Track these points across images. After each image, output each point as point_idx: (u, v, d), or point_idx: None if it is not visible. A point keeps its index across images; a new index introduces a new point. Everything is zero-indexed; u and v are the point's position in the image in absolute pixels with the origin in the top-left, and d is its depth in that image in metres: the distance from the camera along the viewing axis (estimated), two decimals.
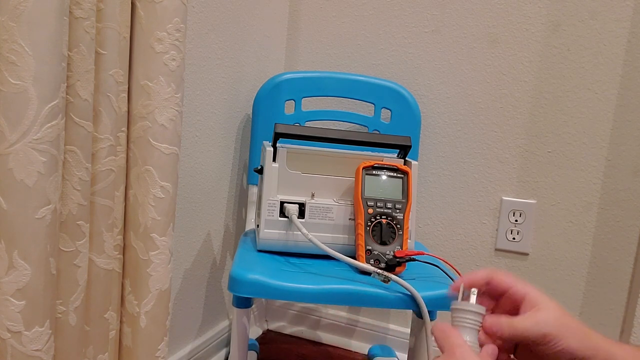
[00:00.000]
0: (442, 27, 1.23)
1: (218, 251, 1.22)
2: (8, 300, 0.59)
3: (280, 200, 0.85)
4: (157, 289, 0.79)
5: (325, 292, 0.74)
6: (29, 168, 0.57)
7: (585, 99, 1.14)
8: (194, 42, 1.00)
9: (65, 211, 0.66)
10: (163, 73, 0.74)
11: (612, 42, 1.10)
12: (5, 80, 0.55)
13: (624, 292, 1.16)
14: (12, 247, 0.58)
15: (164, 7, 0.73)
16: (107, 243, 0.74)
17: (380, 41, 1.29)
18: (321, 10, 1.33)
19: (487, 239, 1.25)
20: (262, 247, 0.86)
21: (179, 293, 1.09)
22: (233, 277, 0.75)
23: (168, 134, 0.76)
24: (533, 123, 1.18)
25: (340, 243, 0.85)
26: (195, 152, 1.06)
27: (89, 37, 0.64)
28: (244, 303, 0.88)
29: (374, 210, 0.80)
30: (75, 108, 0.64)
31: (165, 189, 0.77)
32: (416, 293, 0.72)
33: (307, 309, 1.44)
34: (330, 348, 1.39)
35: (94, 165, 0.70)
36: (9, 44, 0.55)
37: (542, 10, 1.14)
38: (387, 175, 0.84)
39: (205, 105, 1.07)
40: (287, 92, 1.15)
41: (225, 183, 1.19)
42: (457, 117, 1.24)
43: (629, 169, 1.12)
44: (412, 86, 1.25)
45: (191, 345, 1.16)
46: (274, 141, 0.85)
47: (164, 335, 0.82)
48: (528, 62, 1.17)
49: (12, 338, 0.59)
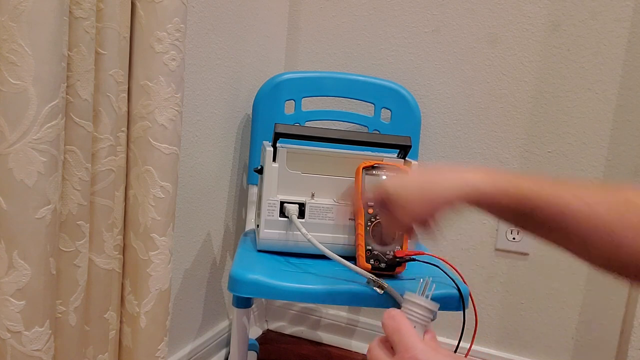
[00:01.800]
0: (442, 27, 1.23)
1: (218, 251, 1.22)
2: (8, 300, 0.59)
3: (280, 200, 0.85)
4: (157, 289, 0.79)
5: (325, 292, 0.74)
6: (29, 168, 0.57)
7: (585, 99, 1.14)
8: (194, 42, 1.00)
9: (65, 211, 0.66)
10: (163, 73, 0.74)
11: (612, 42, 1.10)
12: (5, 80, 0.55)
13: (624, 292, 1.16)
14: (12, 247, 0.58)
15: (164, 7, 0.73)
16: (107, 243, 0.73)
17: (380, 41, 1.29)
18: (321, 10, 1.33)
19: (487, 239, 1.24)
20: (262, 247, 0.86)
21: (179, 293, 1.09)
22: (233, 277, 0.75)
23: (168, 134, 0.76)
24: (533, 123, 1.18)
25: (340, 243, 0.85)
26: (195, 152, 1.06)
27: (89, 37, 0.64)
28: (244, 303, 0.88)
29: (374, 210, 0.80)
30: (75, 108, 0.64)
31: (165, 189, 0.77)
32: None
33: (307, 309, 1.44)
34: (330, 348, 1.39)
35: (94, 165, 0.70)
36: (9, 44, 0.55)
37: (542, 10, 1.14)
38: (387, 175, 0.83)
39: (205, 105, 1.07)
40: (287, 92, 1.15)
41: (225, 183, 1.19)
42: (457, 117, 1.24)
43: (629, 169, 1.12)
44: (412, 86, 1.25)
45: (191, 345, 1.16)
46: (274, 141, 0.85)
47: (164, 335, 0.82)
48: (528, 62, 1.17)
49: (12, 338, 0.59)
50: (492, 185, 0.53)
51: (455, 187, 0.55)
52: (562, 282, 1.20)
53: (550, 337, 1.23)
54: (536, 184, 0.51)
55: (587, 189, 0.49)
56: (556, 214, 0.49)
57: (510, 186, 0.52)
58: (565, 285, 1.20)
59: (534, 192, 0.51)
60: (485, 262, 1.25)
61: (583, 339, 1.20)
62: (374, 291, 0.72)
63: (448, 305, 0.76)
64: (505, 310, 1.25)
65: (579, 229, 0.48)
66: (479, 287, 1.26)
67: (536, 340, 1.24)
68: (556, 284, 1.21)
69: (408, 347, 0.42)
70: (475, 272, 1.26)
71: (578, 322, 1.20)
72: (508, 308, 1.25)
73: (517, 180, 0.52)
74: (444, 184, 0.56)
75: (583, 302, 1.19)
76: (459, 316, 0.76)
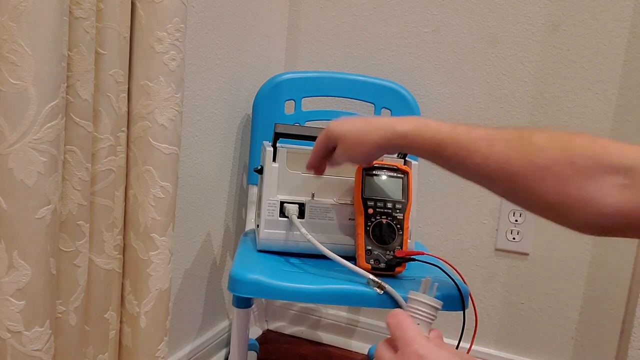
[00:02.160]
0: (442, 27, 1.23)
1: (218, 251, 1.22)
2: (8, 300, 0.59)
3: (280, 200, 0.85)
4: (157, 289, 0.79)
5: (325, 292, 0.74)
6: (29, 168, 0.57)
7: (585, 99, 1.14)
8: (194, 42, 1.00)
9: (65, 211, 0.66)
10: (163, 73, 0.74)
11: (612, 42, 1.10)
12: (5, 80, 0.55)
13: (624, 292, 1.16)
14: (12, 247, 0.58)
15: (164, 7, 0.73)
16: (107, 243, 0.74)
17: (380, 41, 1.29)
18: (321, 10, 1.33)
19: (487, 239, 1.25)
20: (262, 247, 0.86)
21: (179, 293, 1.09)
22: (233, 277, 0.75)
23: (168, 134, 0.76)
24: (533, 123, 1.18)
25: (340, 243, 0.85)
26: (195, 152, 1.06)
27: (89, 37, 0.64)
28: (244, 303, 0.88)
29: (374, 210, 0.80)
30: (75, 108, 0.64)
31: (165, 189, 0.77)
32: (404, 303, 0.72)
33: (307, 309, 1.44)
34: (330, 348, 1.39)
35: (94, 165, 0.70)
36: (9, 44, 0.55)
37: (542, 10, 1.14)
38: (387, 175, 0.83)
39: (205, 105, 1.07)
40: (287, 92, 1.15)
41: (225, 183, 1.19)
42: (457, 117, 1.24)
43: None
44: (412, 86, 1.25)
45: (191, 345, 1.16)
46: (274, 141, 0.85)
47: (164, 335, 0.82)
48: (528, 62, 1.17)
49: (12, 338, 0.59)
50: (411, 129, 0.62)
51: (382, 131, 0.65)
52: (562, 282, 1.20)
53: (550, 337, 1.23)
54: (452, 127, 0.59)
55: (494, 131, 0.56)
56: (461, 150, 0.57)
57: (426, 129, 0.61)
58: (565, 285, 1.20)
59: (444, 134, 0.59)
60: (485, 262, 1.25)
61: (583, 339, 1.20)
62: (374, 291, 0.72)
63: (448, 305, 0.75)
64: (505, 310, 1.25)
65: (481, 165, 0.56)
66: (479, 287, 1.26)
67: (536, 340, 1.24)
68: (556, 284, 1.21)
69: (409, 342, 0.43)
70: (475, 272, 1.26)
71: (578, 322, 1.20)
72: (508, 308, 1.25)
73: (437, 125, 0.61)
74: (375, 130, 0.66)
75: (583, 302, 1.19)
76: (459, 316, 0.76)
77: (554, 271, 1.20)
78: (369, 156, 0.69)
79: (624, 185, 0.47)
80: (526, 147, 0.53)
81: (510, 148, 0.54)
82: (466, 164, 0.58)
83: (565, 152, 0.50)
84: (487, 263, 1.25)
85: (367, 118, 0.69)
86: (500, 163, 0.54)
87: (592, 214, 0.49)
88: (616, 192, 0.48)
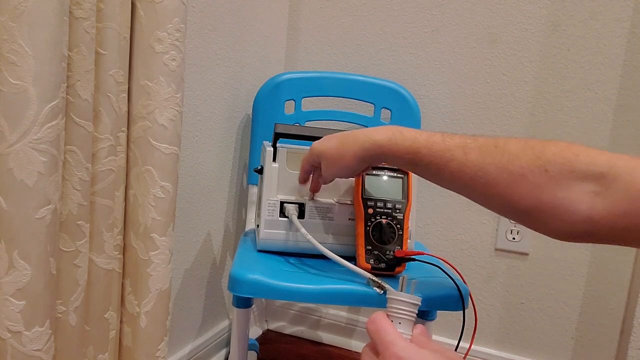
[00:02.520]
0: (442, 27, 1.23)
1: (218, 251, 1.22)
2: (8, 300, 0.59)
3: (280, 200, 0.85)
4: (157, 289, 0.79)
5: (325, 292, 0.74)
6: (29, 168, 0.57)
7: (585, 99, 1.14)
8: (194, 42, 1.00)
9: (65, 211, 0.66)
10: (163, 73, 0.74)
11: (612, 42, 1.10)
12: (5, 80, 0.55)
13: (624, 292, 1.16)
14: (12, 247, 0.58)
15: (164, 7, 0.73)
16: (107, 243, 0.74)
17: (380, 41, 1.29)
18: (321, 10, 1.33)
19: (487, 239, 1.25)
20: (262, 247, 0.86)
21: (179, 293, 1.09)
22: (233, 277, 0.75)
23: (168, 134, 0.76)
24: (533, 123, 1.18)
25: (341, 243, 0.85)
26: (195, 152, 1.06)
27: (89, 37, 0.64)
28: (244, 303, 0.88)
29: (374, 210, 0.80)
30: (75, 108, 0.64)
31: (165, 189, 0.77)
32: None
33: (307, 309, 1.44)
34: (330, 348, 1.39)
35: (94, 165, 0.70)
36: (9, 44, 0.55)
37: (542, 10, 1.14)
38: (388, 176, 0.83)
39: (205, 105, 1.07)
40: (287, 92, 1.15)
41: (225, 183, 1.19)
42: (457, 117, 1.24)
43: None
44: (412, 86, 1.25)
45: (191, 345, 1.16)
46: (274, 141, 0.85)
47: (164, 335, 0.82)
48: (528, 62, 1.17)
49: (12, 338, 0.59)
50: (387, 139, 0.63)
51: (360, 143, 0.66)
52: (562, 282, 1.20)
53: (550, 337, 1.23)
54: (428, 136, 0.60)
55: (469, 139, 0.57)
56: (437, 159, 0.58)
57: (402, 138, 0.62)
58: (565, 285, 1.20)
59: (420, 143, 0.60)
60: (485, 262, 1.25)
61: (583, 339, 1.20)
62: (374, 291, 0.72)
63: (448, 305, 0.75)
64: (505, 310, 1.25)
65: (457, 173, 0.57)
66: (479, 287, 1.26)
67: (536, 340, 1.24)
68: (556, 284, 1.21)
69: (388, 345, 0.42)
70: (475, 272, 1.26)
71: (578, 322, 1.20)
72: (508, 308, 1.25)
73: (413, 133, 0.61)
74: (353, 143, 0.67)
75: (583, 302, 1.19)
76: (459, 316, 0.76)
77: (554, 271, 1.20)
78: (351, 169, 0.70)
79: (595, 192, 0.48)
80: (501, 155, 0.54)
81: (485, 156, 0.55)
82: (442, 172, 0.58)
83: (538, 161, 0.51)
84: (487, 263, 1.25)
85: (346, 132, 0.71)
86: (476, 171, 0.55)
87: (565, 220, 0.50)
88: (588, 199, 0.48)
